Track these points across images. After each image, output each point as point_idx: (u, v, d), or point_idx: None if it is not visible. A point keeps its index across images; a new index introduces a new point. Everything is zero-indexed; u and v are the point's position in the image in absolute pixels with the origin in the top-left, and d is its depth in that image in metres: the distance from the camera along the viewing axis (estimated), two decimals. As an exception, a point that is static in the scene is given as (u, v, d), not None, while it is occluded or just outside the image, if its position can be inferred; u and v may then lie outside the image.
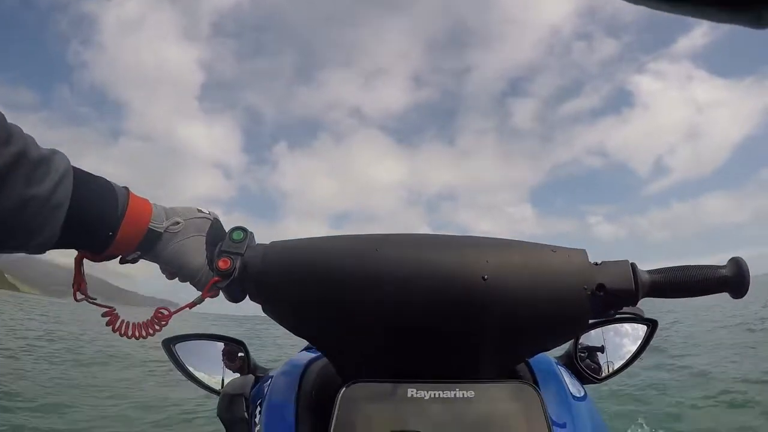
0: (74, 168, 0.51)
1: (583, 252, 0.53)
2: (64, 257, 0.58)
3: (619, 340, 0.95)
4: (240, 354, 0.88)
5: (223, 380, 0.89)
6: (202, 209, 0.61)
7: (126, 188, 0.56)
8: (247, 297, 0.57)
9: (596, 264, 0.53)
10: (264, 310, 0.56)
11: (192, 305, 0.58)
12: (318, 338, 0.56)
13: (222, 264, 0.54)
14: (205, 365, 0.89)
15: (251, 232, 0.58)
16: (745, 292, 0.52)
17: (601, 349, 0.92)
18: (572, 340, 0.89)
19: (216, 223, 0.61)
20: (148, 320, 0.59)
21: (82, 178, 0.51)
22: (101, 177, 0.54)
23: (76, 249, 0.54)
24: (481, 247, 0.53)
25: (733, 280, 0.53)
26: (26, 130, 0.46)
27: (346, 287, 0.51)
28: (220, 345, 0.90)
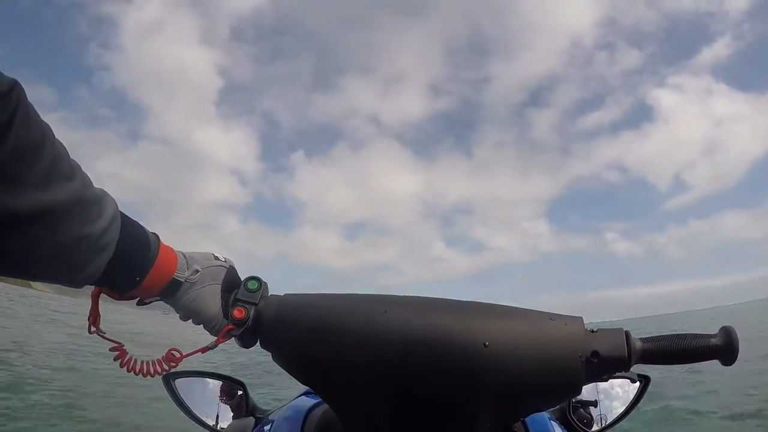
0: (120, 212, 0.53)
1: (580, 319, 0.56)
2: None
3: (614, 394, 0.97)
4: (239, 393, 0.89)
5: (217, 417, 0.89)
6: (219, 256, 0.63)
7: (156, 235, 0.58)
8: (258, 344, 0.59)
9: (592, 331, 0.55)
10: (273, 358, 0.58)
11: (205, 350, 0.60)
12: (323, 390, 0.58)
13: (237, 313, 0.57)
14: (203, 402, 0.90)
15: (265, 282, 0.61)
16: (735, 360, 0.55)
17: (595, 403, 0.94)
18: None
19: (231, 271, 0.62)
20: (158, 359, 0.60)
21: (125, 222, 0.53)
22: (138, 222, 0.57)
23: (108, 288, 0.56)
24: (483, 314, 0.55)
25: (724, 349, 0.55)
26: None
27: (352, 346, 0.54)
28: (220, 383, 0.91)
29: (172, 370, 0.60)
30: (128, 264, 0.53)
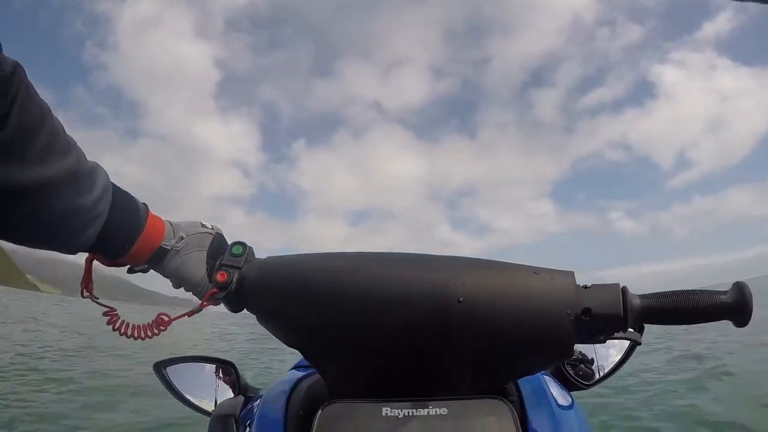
0: (111, 183, 0.57)
1: (570, 274, 0.51)
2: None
3: (610, 343, 0.96)
4: (231, 374, 0.89)
5: (216, 401, 0.89)
6: (206, 224, 0.65)
7: (146, 205, 0.61)
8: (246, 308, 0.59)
9: (584, 287, 0.51)
10: (258, 320, 0.58)
11: (191, 314, 0.62)
12: (306, 351, 0.58)
13: (219, 277, 0.57)
14: (196, 387, 0.90)
15: (251, 247, 0.61)
16: (749, 320, 0.49)
17: (591, 361, 0.93)
18: None
19: (218, 238, 0.65)
20: (148, 324, 0.62)
21: (116, 192, 0.57)
22: (129, 193, 0.60)
23: (100, 255, 0.59)
24: (458, 268, 0.52)
25: (735, 308, 0.48)
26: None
27: (327, 305, 0.53)
28: (211, 366, 0.91)
29: (162, 333, 0.62)
30: (118, 232, 0.57)
